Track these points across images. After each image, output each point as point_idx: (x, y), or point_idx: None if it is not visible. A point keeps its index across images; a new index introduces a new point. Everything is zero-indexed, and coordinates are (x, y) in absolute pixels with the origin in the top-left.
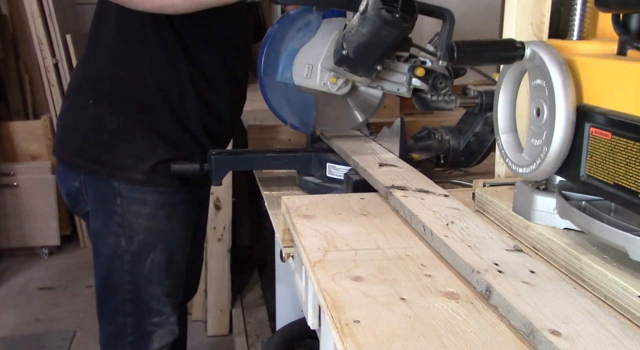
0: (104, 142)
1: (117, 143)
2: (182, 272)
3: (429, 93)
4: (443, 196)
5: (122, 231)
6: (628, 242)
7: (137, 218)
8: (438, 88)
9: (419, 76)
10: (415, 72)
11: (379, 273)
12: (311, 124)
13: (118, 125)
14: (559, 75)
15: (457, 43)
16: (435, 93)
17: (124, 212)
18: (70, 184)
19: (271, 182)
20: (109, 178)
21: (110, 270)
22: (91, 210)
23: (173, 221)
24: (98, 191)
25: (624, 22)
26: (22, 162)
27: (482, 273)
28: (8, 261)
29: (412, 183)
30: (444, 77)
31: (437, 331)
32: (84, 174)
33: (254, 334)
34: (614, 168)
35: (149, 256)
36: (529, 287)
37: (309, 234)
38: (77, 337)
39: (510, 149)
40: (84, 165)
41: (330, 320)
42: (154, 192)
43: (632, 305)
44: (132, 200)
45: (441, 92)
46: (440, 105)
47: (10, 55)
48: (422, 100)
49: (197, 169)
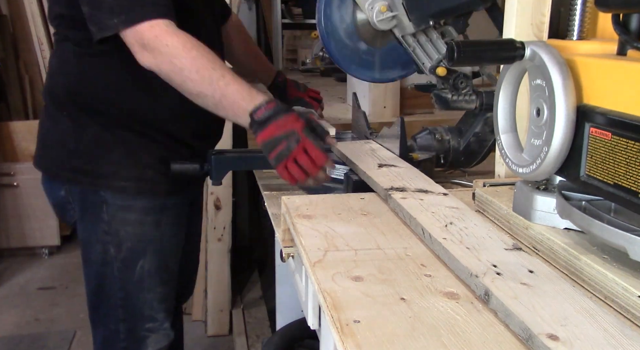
0: (84, 153)
1: (97, 153)
2: (174, 277)
3: (450, 92)
4: (442, 195)
5: (110, 239)
6: (628, 242)
7: (124, 225)
8: (459, 88)
9: (440, 76)
10: (437, 72)
11: (379, 273)
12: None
13: (94, 136)
14: (559, 75)
15: (457, 43)
16: (456, 93)
17: (110, 220)
18: (56, 193)
19: (271, 182)
20: (94, 187)
21: (101, 277)
22: (78, 218)
23: (162, 227)
24: (84, 200)
25: (624, 22)
26: (22, 162)
27: (480, 277)
28: (8, 261)
29: (412, 183)
30: (465, 77)
31: (437, 331)
32: (68, 184)
33: (254, 334)
34: (614, 168)
35: (139, 263)
36: (528, 288)
37: (309, 234)
38: (77, 337)
39: (510, 149)
40: (67, 176)
41: (330, 320)
42: (140, 199)
43: (632, 305)
44: (118, 207)
45: (462, 92)
46: (461, 105)
47: (10, 55)
48: (442, 99)
49: (197, 169)
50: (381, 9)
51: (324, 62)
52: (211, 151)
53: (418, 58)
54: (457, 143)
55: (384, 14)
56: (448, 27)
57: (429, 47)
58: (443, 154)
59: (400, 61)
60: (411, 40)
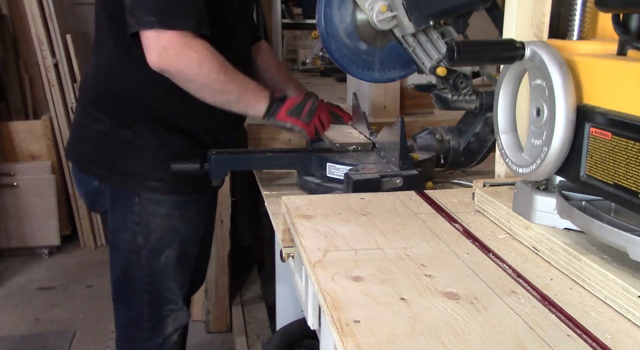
0: (117, 152)
1: (130, 152)
2: (192, 266)
3: (450, 93)
4: None
5: (139, 229)
6: (628, 242)
7: (154, 217)
8: (459, 88)
9: (440, 76)
10: (437, 72)
11: (379, 273)
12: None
13: (131, 136)
14: (559, 75)
15: (457, 43)
16: (456, 93)
17: (141, 211)
18: (90, 183)
19: (271, 182)
20: (125, 186)
21: (128, 263)
22: (110, 208)
23: (187, 220)
24: (116, 192)
25: (624, 22)
26: (22, 162)
27: None
28: (8, 261)
29: None
30: (465, 77)
31: (437, 331)
32: (100, 179)
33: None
34: (614, 168)
35: (164, 253)
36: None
37: (309, 234)
38: (77, 337)
39: (510, 149)
40: (101, 173)
41: (330, 320)
42: (169, 195)
43: (632, 305)
44: (149, 201)
45: (462, 92)
46: (461, 105)
47: (10, 55)
48: (442, 99)
49: (197, 168)
50: (381, 9)
51: (323, 62)
52: (211, 151)
53: (418, 58)
54: (457, 143)
55: (384, 14)
56: (448, 27)
57: (429, 47)
58: (443, 154)
59: (401, 61)
60: (411, 40)
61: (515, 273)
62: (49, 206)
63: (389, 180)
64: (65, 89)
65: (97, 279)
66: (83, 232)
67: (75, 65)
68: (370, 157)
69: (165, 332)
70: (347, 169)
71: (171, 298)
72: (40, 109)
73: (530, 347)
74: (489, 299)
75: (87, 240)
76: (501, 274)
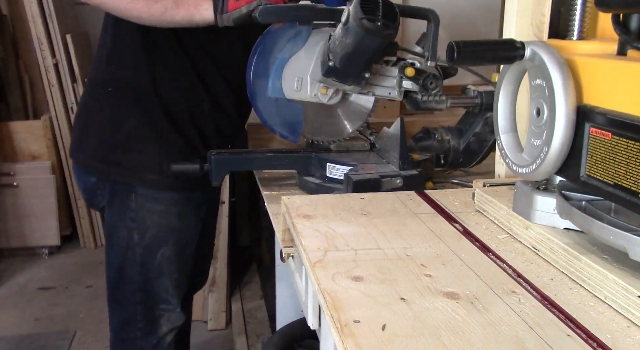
0: (119, 144)
1: (133, 144)
2: (189, 265)
3: (420, 93)
4: None
5: (135, 226)
6: (628, 242)
7: (150, 214)
8: (429, 88)
9: (409, 77)
10: (406, 73)
11: (379, 273)
12: (300, 132)
13: (134, 127)
14: (559, 75)
15: (457, 43)
16: (426, 93)
17: (138, 208)
18: (88, 179)
19: (271, 182)
20: (124, 179)
21: (123, 260)
22: (107, 204)
23: (184, 218)
24: (114, 187)
25: (624, 22)
26: (22, 162)
27: None
28: (8, 261)
29: None
30: (434, 77)
31: (437, 331)
32: (100, 174)
33: (254, 334)
34: (614, 168)
35: (160, 250)
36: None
37: (309, 234)
38: (77, 337)
39: (510, 149)
40: (101, 168)
41: (330, 320)
42: (167, 191)
43: (632, 305)
44: (146, 197)
45: (432, 92)
46: (431, 106)
47: (10, 55)
48: (413, 101)
49: (197, 169)
50: (322, 91)
51: None
52: (211, 151)
53: (382, 94)
54: (457, 143)
55: (327, 94)
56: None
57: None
58: (443, 154)
59: None
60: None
61: (515, 273)
62: (49, 206)
63: (389, 181)
64: (65, 89)
65: (97, 278)
66: (83, 232)
67: (75, 65)
68: (370, 157)
69: (160, 332)
70: (347, 169)
71: (165, 297)
72: (40, 109)
73: (530, 347)
74: (489, 299)
75: (87, 240)
76: (501, 274)
